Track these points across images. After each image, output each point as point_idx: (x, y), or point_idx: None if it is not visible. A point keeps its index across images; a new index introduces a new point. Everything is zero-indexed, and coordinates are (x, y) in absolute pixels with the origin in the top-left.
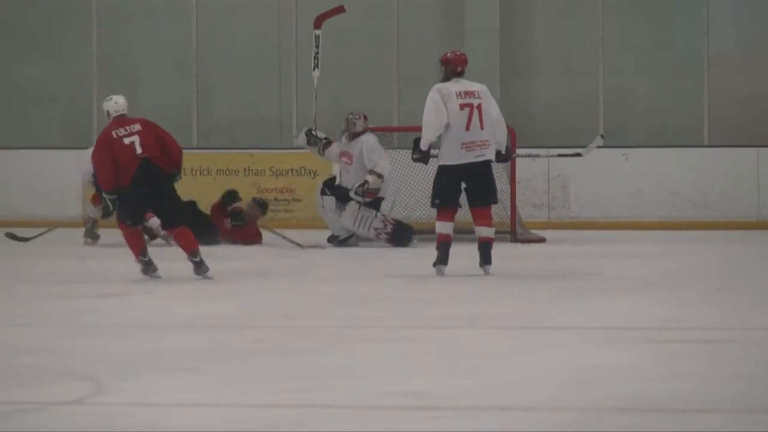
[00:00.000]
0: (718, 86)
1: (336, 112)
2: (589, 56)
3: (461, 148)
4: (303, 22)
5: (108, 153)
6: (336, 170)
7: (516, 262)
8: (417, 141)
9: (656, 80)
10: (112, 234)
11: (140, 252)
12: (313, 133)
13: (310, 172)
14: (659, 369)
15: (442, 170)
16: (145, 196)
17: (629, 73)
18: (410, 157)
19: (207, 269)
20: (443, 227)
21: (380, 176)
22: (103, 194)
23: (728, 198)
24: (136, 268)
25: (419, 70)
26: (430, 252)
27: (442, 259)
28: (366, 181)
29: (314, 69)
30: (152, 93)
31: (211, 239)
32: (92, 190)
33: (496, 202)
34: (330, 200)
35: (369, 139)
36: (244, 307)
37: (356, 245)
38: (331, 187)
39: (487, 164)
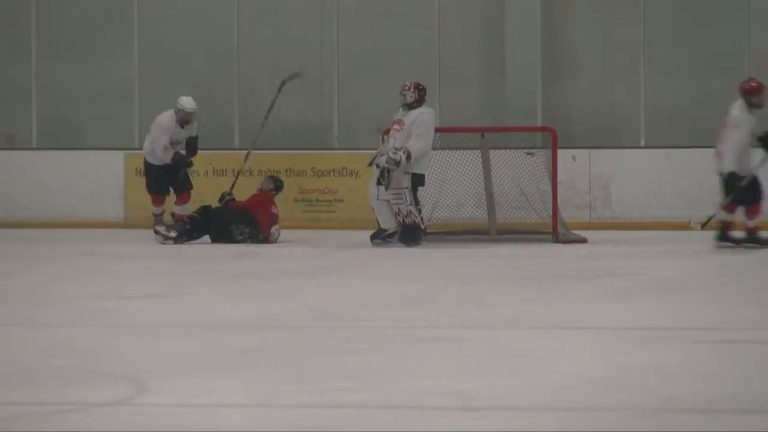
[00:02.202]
0: None
1: (379, 113)
2: (630, 57)
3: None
4: (345, 22)
5: None
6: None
7: (558, 262)
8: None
9: (698, 81)
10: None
11: None
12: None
13: (351, 173)
14: (701, 369)
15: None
16: None
17: (671, 74)
18: None
19: None
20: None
21: (408, 154)
22: None
23: None
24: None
25: (460, 72)
26: (470, 253)
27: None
28: (397, 151)
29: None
30: (194, 94)
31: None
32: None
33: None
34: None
35: (423, 113)
36: (285, 307)
37: (397, 244)
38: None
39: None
